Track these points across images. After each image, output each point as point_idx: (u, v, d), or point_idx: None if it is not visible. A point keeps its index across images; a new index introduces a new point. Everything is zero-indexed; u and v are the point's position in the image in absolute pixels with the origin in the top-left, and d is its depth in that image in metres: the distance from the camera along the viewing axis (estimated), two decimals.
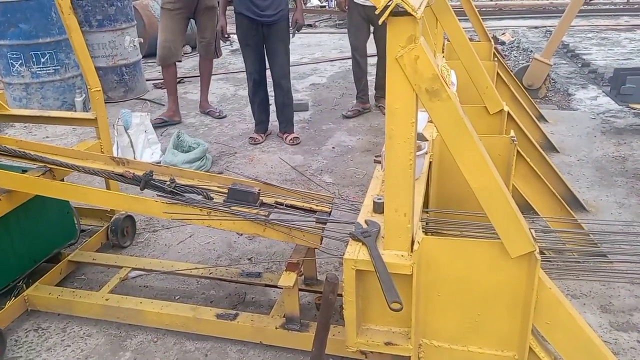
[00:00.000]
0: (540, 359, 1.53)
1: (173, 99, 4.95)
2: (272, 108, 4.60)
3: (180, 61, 5.07)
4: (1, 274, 2.40)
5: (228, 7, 4.44)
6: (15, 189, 2.25)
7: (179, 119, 4.99)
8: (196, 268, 2.59)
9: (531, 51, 6.82)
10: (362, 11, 4.64)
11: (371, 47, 4.86)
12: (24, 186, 2.23)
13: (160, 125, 4.81)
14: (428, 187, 2.18)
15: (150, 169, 2.28)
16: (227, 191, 2.12)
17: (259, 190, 2.13)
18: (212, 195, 2.15)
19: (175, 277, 2.67)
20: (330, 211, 2.14)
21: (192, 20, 4.86)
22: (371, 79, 5.23)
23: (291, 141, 4.42)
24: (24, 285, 2.47)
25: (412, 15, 1.28)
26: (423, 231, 1.61)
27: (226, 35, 4.29)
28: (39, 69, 5.13)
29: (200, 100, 5.20)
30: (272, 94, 4.48)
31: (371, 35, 4.86)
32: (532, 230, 1.46)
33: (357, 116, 4.98)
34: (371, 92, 5.15)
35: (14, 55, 5.05)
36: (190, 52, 7.51)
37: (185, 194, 2.13)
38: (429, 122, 2.34)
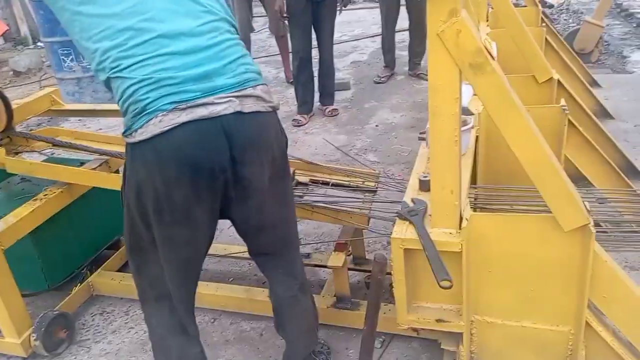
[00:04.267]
0: (597, 333, 1.49)
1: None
2: (316, 88, 4.63)
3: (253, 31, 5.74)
4: (67, 262, 2.55)
5: None
6: (74, 182, 2.36)
7: None
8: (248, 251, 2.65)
9: (582, 13, 6.50)
10: None
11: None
12: (82, 179, 2.33)
13: None
14: (476, 162, 2.15)
15: None
16: None
17: (294, 170, 2.17)
18: None
19: (228, 260, 2.75)
20: (377, 188, 2.14)
21: None
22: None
23: (330, 112, 4.60)
24: (88, 271, 2.61)
25: None
26: (471, 207, 1.60)
27: (285, 15, 4.31)
28: (88, 64, 5.30)
29: (285, 72, 5.60)
30: (316, 74, 4.52)
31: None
32: (586, 202, 1.42)
33: (390, 81, 5.29)
34: (402, 59, 5.37)
35: (65, 52, 5.24)
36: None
37: None
38: (474, 95, 2.29)
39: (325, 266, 2.38)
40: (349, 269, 2.28)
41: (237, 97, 1.38)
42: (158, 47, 1.33)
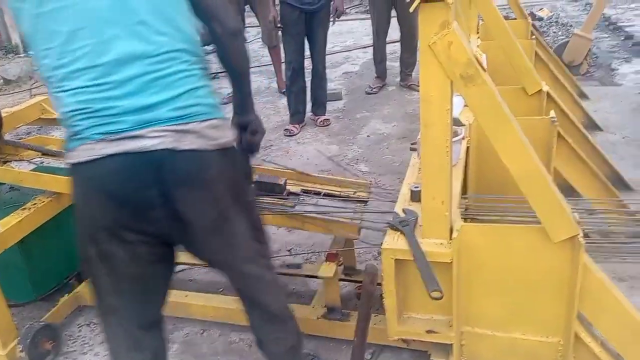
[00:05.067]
0: (586, 345, 1.50)
1: None
2: (308, 98, 4.64)
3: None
4: (54, 272, 2.52)
5: None
6: (62, 191, 2.34)
7: None
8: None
9: (571, 26, 6.56)
10: None
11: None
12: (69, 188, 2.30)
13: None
14: (466, 173, 2.16)
15: None
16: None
17: (285, 180, 2.16)
18: None
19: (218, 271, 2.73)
20: (368, 198, 2.14)
21: None
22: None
23: (322, 123, 4.60)
24: (76, 282, 2.57)
25: (443, 0, 1.27)
26: (462, 218, 1.60)
27: (278, 25, 4.32)
28: None
29: (278, 82, 5.57)
30: (309, 84, 4.56)
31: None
32: (576, 214, 1.43)
33: (382, 91, 5.30)
34: (393, 70, 5.43)
35: None
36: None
37: None
38: (465, 106, 2.30)
39: (316, 276, 2.37)
40: (340, 280, 2.27)
41: (175, 131, 1.29)
42: (101, 75, 1.27)
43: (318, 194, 2.18)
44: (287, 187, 2.17)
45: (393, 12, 5.00)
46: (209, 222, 1.41)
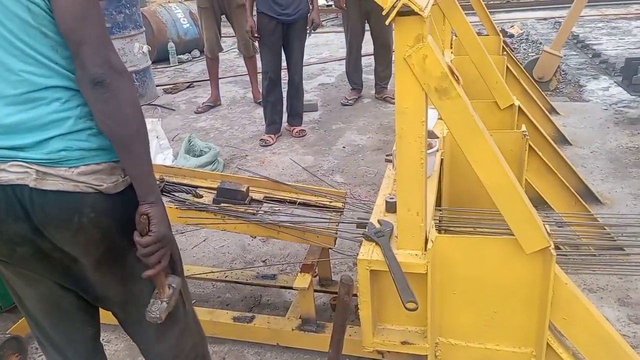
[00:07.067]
0: (558, 355, 1.52)
1: (215, 85, 5.52)
2: (285, 109, 4.65)
3: (221, 50, 5.54)
4: None
5: None
6: None
7: (220, 103, 5.58)
8: (211, 272, 2.60)
9: (541, 43, 6.76)
10: (360, 6, 4.88)
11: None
12: None
13: (206, 110, 5.39)
14: (440, 185, 2.18)
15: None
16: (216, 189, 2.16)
17: (248, 187, 2.16)
18: (201, 193, 2.18)
19: (191, 281, 2.69)
20: (343, 207, 2.14)
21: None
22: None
23: (297, 133, 4.61)
24: None
25: (419, 14, 1.29)
26: (436, 229, 1.61)
27: (256, 35, 4.32)
28: None
29: (253, 92, 5.57)
30: (285, 95, 4.58)
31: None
32: (547, 226, 1.46)
33: (357, 103, 5.35)
34: (369, 82, 5.50)
35: None
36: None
37: (173, 193, 2.18)
38: (439, 119, 2.34)
39: (291, 287, 2.35)
40: (315, 291, 2.26)
41: (38, 171, 1.14)
42: None
43: (293, 203, 2.17)
44: (250, 194, 2.16)
45: (367, 26, 5.06)
46: (90, 265, 1.28)
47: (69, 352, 1.46)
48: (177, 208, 2.10)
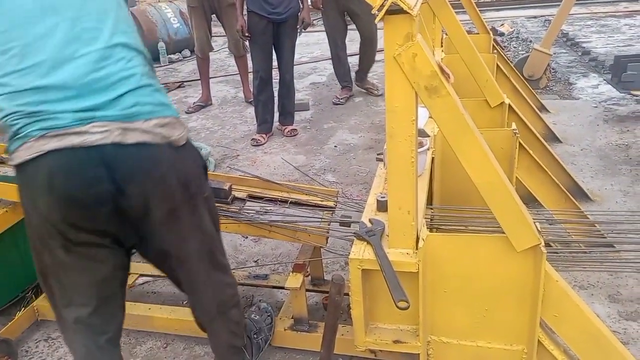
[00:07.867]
0: (549, 352, 1.53)
1: (206, 85, 5.47)
2: (276, 108, 4.64)
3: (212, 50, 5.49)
4: (11, 284, 2.42)
5: None
6: (18, 200, 2.26)
7: (211, 103, 5.54)
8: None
9: (530, 41, 6.79)
10: (337, 5, 4.85)
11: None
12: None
13: (197, 110, 5.35)
14: (431, 183, 2.18)
15: None
16: None
17: (230, 185, 2.16)
18: None
19: None
20: (335, 205, 2.14)
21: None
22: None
23: (289, 133, 4.59)
24: (33, 295, 2.48)
25: (408, 13, 1.28)
26: (428, 228, 1.62)
27: (246, 34, 4.30)
28: None
29: (244, 92, 5.54)
30: (276, 94, 4.57)
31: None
32: (537, 223, 1.46)
33: (348, 102, 5.30)
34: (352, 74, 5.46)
35: None
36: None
37: None
38: (430, 117, 2.34)
39: (283, 287, 2.35)
40: (307, 290, 2.25)
41: (119, 128, 1.26)
42: (35, 78, 1.22)
43: (285, 202, 2.17)
44: (233, 192, 2.15)
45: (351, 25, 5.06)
46: (166, 216, 1.39)
47: (104, 336, 1.55)
48: None
